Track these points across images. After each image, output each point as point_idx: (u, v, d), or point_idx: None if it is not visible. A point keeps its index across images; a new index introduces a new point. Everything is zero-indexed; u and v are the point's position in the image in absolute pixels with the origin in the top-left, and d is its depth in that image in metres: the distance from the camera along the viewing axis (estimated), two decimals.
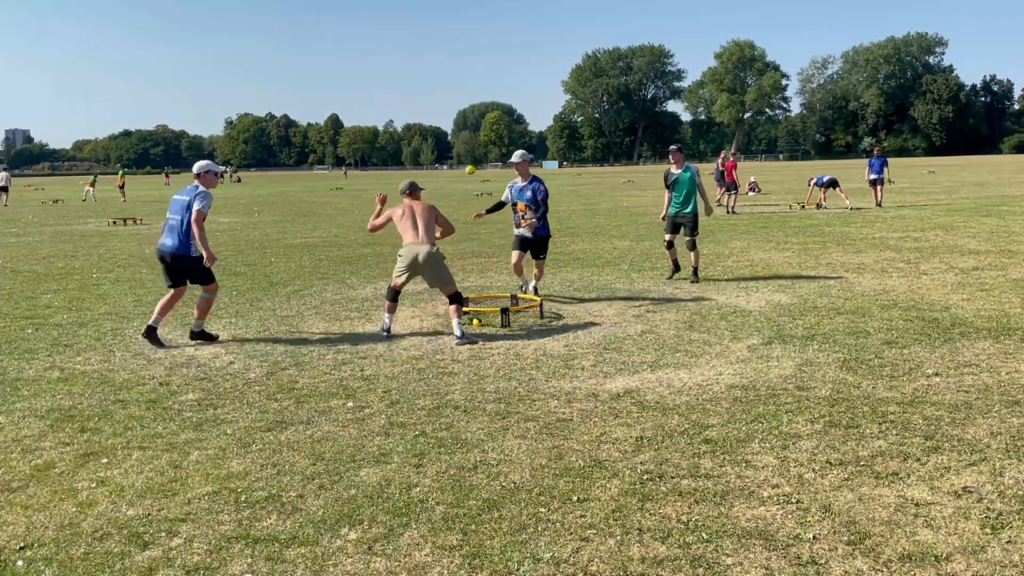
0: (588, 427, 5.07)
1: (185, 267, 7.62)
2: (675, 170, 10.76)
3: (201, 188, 7.66)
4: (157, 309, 7.71)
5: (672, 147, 10.97)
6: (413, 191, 8.11)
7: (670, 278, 10.88)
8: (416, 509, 3.94)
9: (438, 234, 8.03)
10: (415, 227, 7.80)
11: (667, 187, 10.88)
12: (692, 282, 10.53)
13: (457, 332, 7.52)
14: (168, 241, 7.58)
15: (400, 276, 7.83)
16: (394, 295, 7.90)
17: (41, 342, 7.94)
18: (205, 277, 7.69)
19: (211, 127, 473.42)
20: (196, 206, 7.48)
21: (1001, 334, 7.21)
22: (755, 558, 3.39)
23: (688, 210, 10.67)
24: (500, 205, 9.69)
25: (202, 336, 7.78)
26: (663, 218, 11.13)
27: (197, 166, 7.89)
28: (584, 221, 21.21)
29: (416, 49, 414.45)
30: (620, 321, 8.27)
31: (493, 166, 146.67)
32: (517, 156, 9.58)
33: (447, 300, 7.94)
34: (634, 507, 3.90)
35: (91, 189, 43.77)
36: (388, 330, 7.87)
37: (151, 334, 7.62)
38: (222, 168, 16.44)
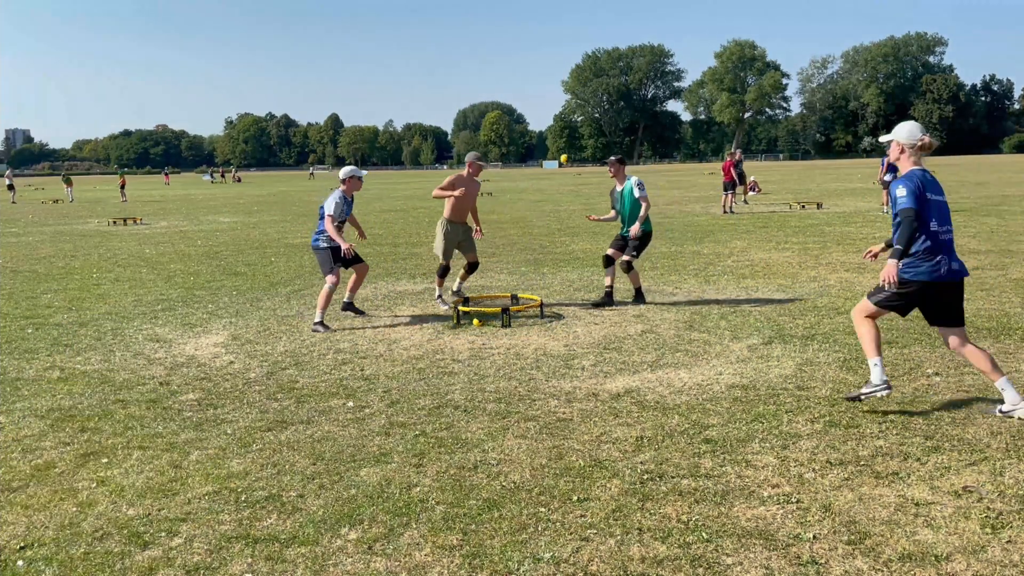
0: (588, 427, 5.07)
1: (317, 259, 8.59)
2: (618, 186, 9.20)
3: (336, 191, 8.41)
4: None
5: (611, 158, 9.42)
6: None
7: (595, 306, 9.03)
8: (416, 509, 3.94)
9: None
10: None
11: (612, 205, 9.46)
12: (635, 303, 9.10)
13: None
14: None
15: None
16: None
17: (41, 342, 7.95)
18: (324, 266, 8.44)
19: (211, 127, 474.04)
20: (325, 206, 8.33)
21: (1001, 334, 7.21)
22: (755, 558, 3.39)
23: (624, 231, 9.14)
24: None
25: (351, 309, 8.90)
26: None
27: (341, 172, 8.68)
28: (584, 221, 21.20)
29: (416, 49, 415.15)
30: (620, 321, 8.27)
31: (494, 166, 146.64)
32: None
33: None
34: (634, 507, 3.90)
35: (70, 189, 43.69)
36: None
37: (349, 307, 8.85)
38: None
